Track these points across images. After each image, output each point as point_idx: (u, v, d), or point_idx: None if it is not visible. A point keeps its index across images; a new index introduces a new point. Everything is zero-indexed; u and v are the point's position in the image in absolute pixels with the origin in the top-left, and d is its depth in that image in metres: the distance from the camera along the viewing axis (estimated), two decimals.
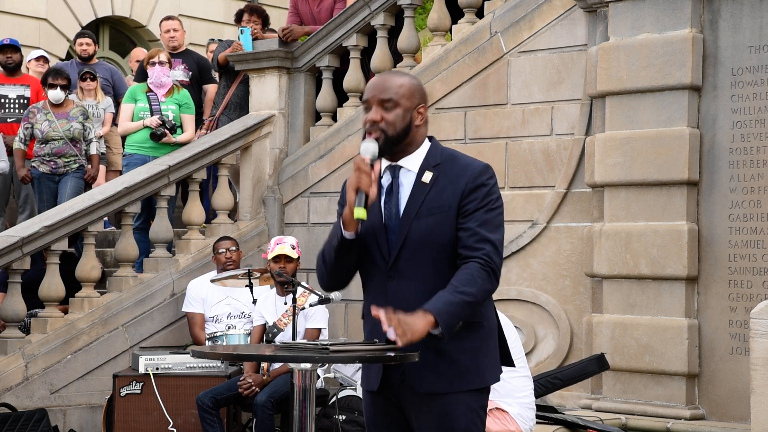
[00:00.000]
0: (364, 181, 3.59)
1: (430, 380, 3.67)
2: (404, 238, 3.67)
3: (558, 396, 7.29)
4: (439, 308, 3.52)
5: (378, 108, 3.69)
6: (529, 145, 7.87)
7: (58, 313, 8.13)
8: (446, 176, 3.71)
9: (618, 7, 7.13)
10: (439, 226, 3.66)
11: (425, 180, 3.71)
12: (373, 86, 3.73)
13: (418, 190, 3.71)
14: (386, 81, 3.74)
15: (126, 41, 15.67)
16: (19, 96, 9.91)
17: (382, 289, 3.72)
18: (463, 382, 3.68)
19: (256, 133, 9.24)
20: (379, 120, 3.68)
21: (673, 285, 6.87)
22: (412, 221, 3.68)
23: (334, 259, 3.73)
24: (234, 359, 6.92)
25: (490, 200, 3.68)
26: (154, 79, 9.34)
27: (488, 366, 3.75)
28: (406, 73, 3.88)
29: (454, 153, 3.80)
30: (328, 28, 9.16)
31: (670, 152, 6.88)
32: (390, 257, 3.69)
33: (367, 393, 3.85)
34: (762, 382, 5.40)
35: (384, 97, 3.69)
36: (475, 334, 3.71)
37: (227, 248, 8.21)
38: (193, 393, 7.33)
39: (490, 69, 8.11)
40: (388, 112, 3.69)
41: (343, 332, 8.64)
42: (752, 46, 6.77)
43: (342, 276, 3.81)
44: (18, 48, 10.15)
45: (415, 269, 3.67)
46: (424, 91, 3.81)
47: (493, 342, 3.79)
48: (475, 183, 3.67)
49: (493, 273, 3.62)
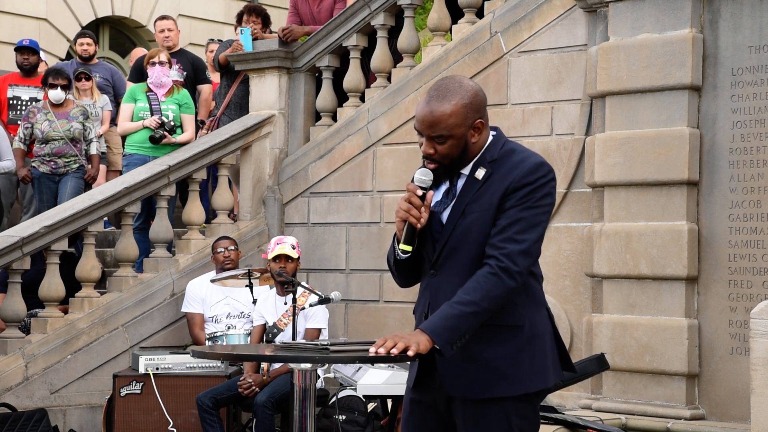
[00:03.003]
0: (413, 213, 3.58)
1: (465, 385, 3.64)
2: (448, 236, 3.65)
3: (558, 396, 7.29)
4: (435, 325, 3.51)
5: (430, 141, 3.61)
6: (529, 145, 7.85)
7: (58, 313, 8.14)
8: (499, 173, 3.62)
9: (618, 7, 7.13)
10: (478, 223, 3.61)
11: (477, 176, 3.64)
12: (422, 119, 3.61)
13: (469, 188, 3.65)
14: (434, 112, 3.57)
15: (126, 41, 15.67)
16: (32, 98, 9.90)
17: (427, 286, 3.74)
18: (499, 387, 3.62)
19: (256, 133, 9.24)
20: (433, 153, 3.62)
21: (673, 285, 6.87)
22: (457, 219, 3.65)
23: (395, 270, 3.78)
24: (234, 359, 6.92)
25: (531, 198, 3.58)
26: (154, 79, 9.34)
27: (529, 371, 3.64)
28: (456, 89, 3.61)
29: (514, 147, 3.69)
30: (328, 28, 9.16)
31: (670, 152, 6.88)
32: (434, 254, 3.69)
33: (407, 392, 3.83)
34: (762, 382, 5.40)
35: (434, 134, 3.59)
36: (514, 338, 3.64)
37: (225, 247, 8.21)
38: (193, 393, 7.33)
39: (490, 69, 8.12)
40: (442, 146, 3.60)
41: (343, 332, 8.65)
42: (752, 46, 6.77)
43: (411, 278, 3.84)
44: (37, 50, 10.14)
45: (453, 266, 3.65)
46: (479, 100, 3.64)
47: (538, 346, 3.68)
48: (522, 182, 3.58)
49: (507, 274, 3.53)
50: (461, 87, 3.61)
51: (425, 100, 3.63)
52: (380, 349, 3.46)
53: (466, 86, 3.63)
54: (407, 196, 3.60)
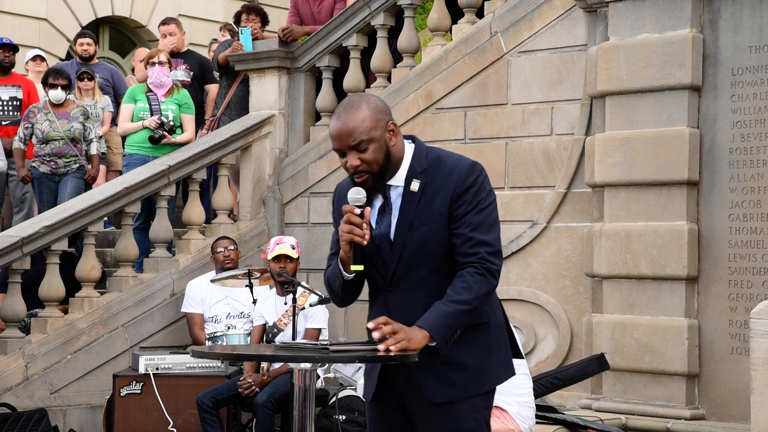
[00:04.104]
0: (356, 233, 3.58)
1: (444, 390, 3.68)
2: (400, 252, 3.69)
3: (558, 396, 7.29)
4: (433, 322, 3.56)
5: (353, 153, 3.62)
6: (529, 145, 7.87)
7: (58, 313, 8.13)
8: (433, 183, 3.68)
9: (618, 7, 7.13)
10: (433, 235, 3.66)
11: (413, 189, 3.68)
12: (338, 133, 3.63)
13: (408, 201, 3.69)
14: (348, 123, 3.62)
15: (126, 41, 15.67)
16: (11, 98, 9.88)
17: (383, 303, 3.76)
18: (474, 386, 3.71)
19: (256, 133, 9.24)
20: (359, 164, 3.63)
21: (673, 285, 6.87)
22: (405, 234, 3.68)
23: (341, 291, 3.77)
24: (234, 359, 6.92)
25: (479, 200, 3.66)
26: (153, 79, 9.34)
27: (497, 365, 3.76)
28: (360, 99, 3.69)
29: (439, 154, 3.75)
30: (328, 28, 9.16)
31: (670, 152, 6.88)
32: (387, 273, 3.72)
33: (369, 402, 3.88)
34: (762, 382, 5.40)
35: (353, 142, 3.61)
36: (483, 335, 3.73)
37: (225, 247, 8.21)
38: (193, 393, 7.33)
39: (490, 69, 8.11)
40: (365, 153, 3.62)
41: (343, 332, 8.64)
42: (752, 46, 6.77)
43: (351, 297, 3.84)
44: (15, 48, 10.09)
45: (412, 281, 3.70)
46: (384, 105, 3.72)
47: (502, 337, 3.80)
48: (463, 186, 3.65)
49: (490, 274, 3.63)
50: (363, 97, 3.69)
51: (335, 118, 3.67)
52: (380, 346, 3.51)
53: (367, 96, 3.71)
54: (346, 217, 3.60)
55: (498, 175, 7.85)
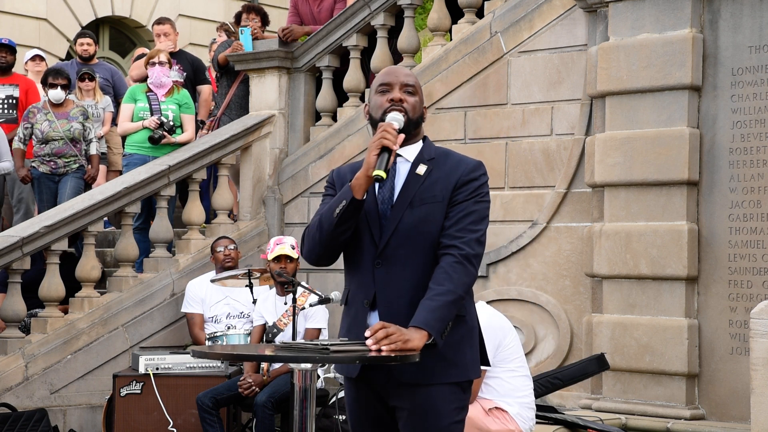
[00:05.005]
0: (390, 139, 3.69)
1: (413, 370, 3.71)
2: (395, 226, 3.75)
3: (558, 396, 7.29)
4: (427, 319, 3.61)
5: (401, 91, 3.83)
6: (529, 145, 7.87)
7: (58, 313, 8.13)
8: (440, 170, 3.81)
9: (618, 7, 7.13)
10: (430, 215, 3.75)
11: (419, 172, 3.81)
12: (395, 71, 3.89)
13: (412, 180, 3.80)
14: (405, 70, 3.91)
15: (126, 41, 15.67)
16: (7, 96, 9.88)
17: (369, 276, 3.77)
18: (445, 374, 3.74)
19: (256, 133, 9.24)
20: (402, 101, 3.82)
21: (673, 285, 6.87)
22: (404, 210, 3.76)
23: (334, 226, 3.73)
24: (234, 359, 6.91)
25: (480, 193, 3.80)
26: (154, 79, 9.34)
27: (470, 360, 3.81)
28: None
29: (447, 151, 3.92)
30: (328, 28, 9.16)
31: (670, 152, 6.88)
32: (380, 243, 3.76)
33: (347, 379, 3.91)
34: (762, 382, 5.40)
35: (407, 81, 3.85)
36: (458, 327, 3.76)
37: (225, 246, 8.21)
38: (193, 393, 7.33)
39: (490, 69, 8.11)
40: (410, 96, 3.84)
41: None
42: (752, 46, 6.77)
43: (334, 248, 3.81)
44: (14, 49, 10.10)
45: (403, 257, 3.74)
46: None
47: (475, 337, 3.85)
48: (468, 177, 3.79)
49: (469, 262, 3.70)
50: None
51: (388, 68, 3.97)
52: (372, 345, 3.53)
53: None
54: (383, 127, 3.73)
55: (498, 175, 7.85)
